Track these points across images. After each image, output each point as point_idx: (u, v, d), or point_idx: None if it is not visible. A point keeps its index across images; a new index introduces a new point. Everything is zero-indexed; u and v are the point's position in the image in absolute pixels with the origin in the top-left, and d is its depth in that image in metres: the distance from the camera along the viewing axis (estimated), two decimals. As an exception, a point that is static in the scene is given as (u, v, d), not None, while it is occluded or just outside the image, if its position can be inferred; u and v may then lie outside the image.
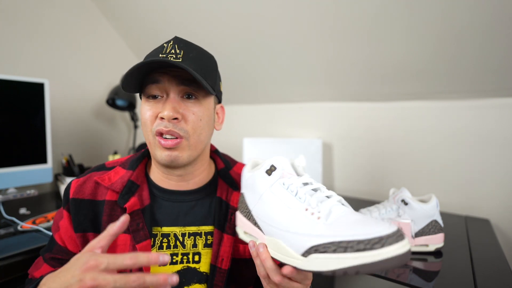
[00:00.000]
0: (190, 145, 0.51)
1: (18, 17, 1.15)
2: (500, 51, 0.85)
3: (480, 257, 0.69)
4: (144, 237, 0.51)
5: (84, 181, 0.54)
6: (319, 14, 0.98)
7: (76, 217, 0.52)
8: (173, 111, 0.48)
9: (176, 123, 0.49)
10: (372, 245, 0.30)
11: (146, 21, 1.37)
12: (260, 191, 0.44)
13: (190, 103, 0.50)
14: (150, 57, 0.50)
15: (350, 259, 0.31)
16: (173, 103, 0.49)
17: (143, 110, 0.51)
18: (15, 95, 0.93)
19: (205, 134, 0.53)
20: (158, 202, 0.56)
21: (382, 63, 1.04)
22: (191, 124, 0.50)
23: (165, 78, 0.49)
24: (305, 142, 1.25)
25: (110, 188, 0.53)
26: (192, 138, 0.51)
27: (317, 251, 0.34)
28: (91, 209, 0.53)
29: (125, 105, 1.42)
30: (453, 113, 1.04)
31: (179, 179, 0.56)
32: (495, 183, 0.99)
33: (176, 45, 0.50)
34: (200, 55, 0.51)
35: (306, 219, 0.37)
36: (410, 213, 0.71)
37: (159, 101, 0.50)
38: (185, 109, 0.50)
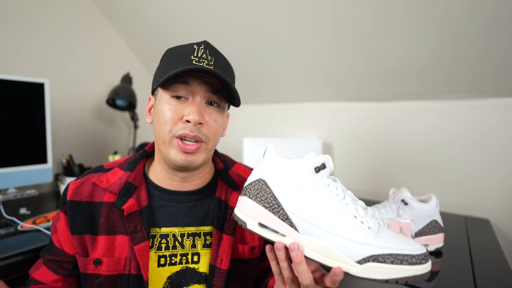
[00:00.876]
0: (207, 150, 0.52)
1: (18, 17, 1.15)
2: (499, 51, 0.85)
3: (480, 257, 0.69)
4: (142, 238, 0.51)
5: (81, 183, 0.54)
6: (319, 14, 0.98)
7: (73, 220, 0.52)
8: (199, 116, 0.49)
9: (199, 128, 0.50)
10: (420, 260, 0.36)
11: (146, 21, 1.37)
12: (303, 186, 0.40)
13: (212, 110, 0.52)
14: (181, 56, 0.49)
15: (405, 271, 0.36)
16: (200, 107, 0.49)
17: (164, 108, 0.50)
18: (15, 95, 0.93)
19: (218, 140, 0.55)
20: (157, 203, 0.55)
21: (382, 63, 1.04)
22: (212, 130, 0.51)
23: (195, 82, 0.49)
24: (305, 142, 1.25)
25: (108, 189, 0.53)
26: (211, 143, 0.52)
27: (376, 260, 0.36)
28: (88, 211, 0.52)
29: (125, 105, 1.42)
30: (453, 113, 1.04)
31: (182, 180, 0.56)
32: (495, 183, 0.99)
33: (207, 50, 0.50)
34: (226, 65, 0.53)
35: (359, 228, 0.38)
36: (410, 213, 0.71)
37: (183, 103, 0.50)
38: (208, 115, 0.51)
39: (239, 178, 0.62)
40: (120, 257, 0.51)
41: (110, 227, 0.52)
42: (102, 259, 0.51)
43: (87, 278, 0.51)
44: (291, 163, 0.42)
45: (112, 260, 0.51)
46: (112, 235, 0.52)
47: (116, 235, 0.52)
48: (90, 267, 0.51)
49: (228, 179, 0.60)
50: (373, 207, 0.77)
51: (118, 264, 0.51)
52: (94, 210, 0.53)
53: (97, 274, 0.51)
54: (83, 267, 0.51)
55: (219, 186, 0.60)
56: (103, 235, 0.52)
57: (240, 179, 0.62)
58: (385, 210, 0.74)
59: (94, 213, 0.52)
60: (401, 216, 0.71)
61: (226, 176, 0.61)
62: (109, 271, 0.51)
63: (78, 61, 1.36)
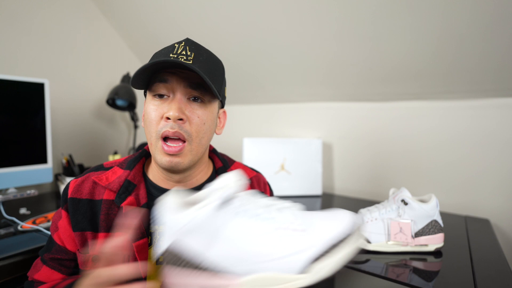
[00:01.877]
0: (192, 150, 0.51)
1: (18, 17, 1.15)
2: (499, 51, 0.85)
3: (480, 257, 0.69)
4: (141, 235, 0.51)
5: (82, 181, 0.55)
6: (319, 14, 0.98)
7: (74, 216, 0.53)
8: (179, 112, 0.48)
9: (181, 124, 0.49)
10: (351, 234, 0.35)
11: (146, 21, 1.37)
12: (213, 229, 0.36)
13: (195, 106, 0.51)
14: (161, 55, 0.50)
15: (345, 253, 0.34)
16: (180, 103, 0.49)
17: (148, 108, 0.51)
18: (15, 95, 0.93)
19: (207, 138, 0.53)
20: (156, 201, 0.55)
21: (382, 63, 1.04)
22: (195, 127, 0.50)
23: (173, 78, 0.49)
24: (305, 142, 1.25)
25: (107, 187, 0.53)
26: (194, 142, 0.51)
27: (318, 260, 0.34)
28: (90, 209, 0.53)
29: (125, 105, 1.42)
30: (453, 113, 1.04)
31: (177, 181, 0.56)
32: (495, 183, 0.99)
33: (187, 46, 0.50)
34: (209, 59, 0.52)
35: (291, 238, 0.35)
36: (410, 213, 0.71)
37: (165, 101, 0.50)
38: (190, 111, 0.50)
39: None
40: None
41: (109, 225, 0.52)
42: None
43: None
44: (193, 212, 0.37)
45: None
46: (111, 233, 0.52)
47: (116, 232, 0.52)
48: (89, 264, 0.52)
49: None
50: (373, 207, 0.77)
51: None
52: (95, 207, 0.53)
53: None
54: (83, 263, 0.52)
55: None
56: (102, 232, 0.52)
57: None
58: (385, 210, 0.74)
59: (94, 210, 0.53)
60: (401, 216, 0.71)
61: None
62: None
63: (78, 61, 1.36)
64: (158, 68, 0.49)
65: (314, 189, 1.24)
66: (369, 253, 0.72)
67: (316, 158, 1.24)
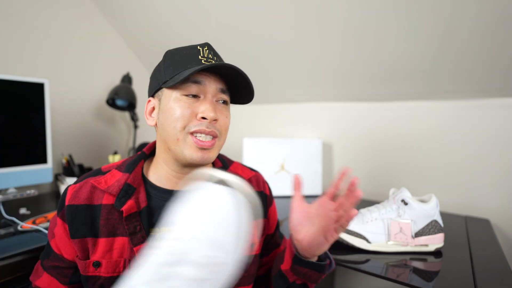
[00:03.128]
0: (219, 146, 0.54)
1: (18, 17, 1.15)
2: (504, 51, 0.85)
3: (480, 257, 0.69)
4: (142, 239, 0.51)
5: (80, 187, 0.54)
6: (319, 14, 0.98)
7: (72, 224, 0.51)
8: (214, 113, 0.51)
9: (214, 124, 0.52)
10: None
11: (146, 21, 1.37)
12: None
13: (222, 107, 0.54)
14: (187, 56, 0.52)
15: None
16: (214, 105, 0.52)
17: (176, 106, 0.51)
18: (15, 95, 0.93)
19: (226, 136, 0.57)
20: (156, 203, 0.55)
21: (382, 63, 1.04)
22: (224, 126, 0.54)
23: (206, 81, 0.51)
24: (305, 142, 1.25)
25: (107, 191, 0.53)
26: (221, 139, 0.55)
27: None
28: (88, 214, 0.52)
29: (125, 105, 1.42)
30: (453, 113, 1.04)
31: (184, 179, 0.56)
32: (495, 183, 0.98)
33: (212, 51, 0.54)
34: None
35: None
36: (410, 213, 0.71)
37: (197, 100, 0.52)
38: (220, 112, 0.53)
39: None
40: (119, 259, 0.51)
41: (110, 229, 0.52)
42: (101, 261, 0.51)
43: (89, 280, 0.51)
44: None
45: (111, 262, 0.51)
46: (112, 237, 0.52)
47: (116, 237, 0.52)
48: (90, 269, 0.51)
49: None
50: (373, 207, 0.77)
51: (117, 266, 0.51)
52: (93, 213, 0.52)
53: (98, 276, 0.51)
54: (83, 269, 0.51)
55: None
56: (103, 237, 0.51)
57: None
58: (385, 210, 0.74)
59: (93, 216, 0.52)
60: (401, 216, 0.71)
61: None
62: (109, 273, 0.51)
63: (78, 61, 1.36)
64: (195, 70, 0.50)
65: (314, 189, 1.24)
66: (369, 253, 0.71)
67: (316, 158, 1.24)
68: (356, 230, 0.73)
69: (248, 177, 0.65)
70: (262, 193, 0.65)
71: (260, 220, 0.61)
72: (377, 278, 0.62)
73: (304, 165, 1.23)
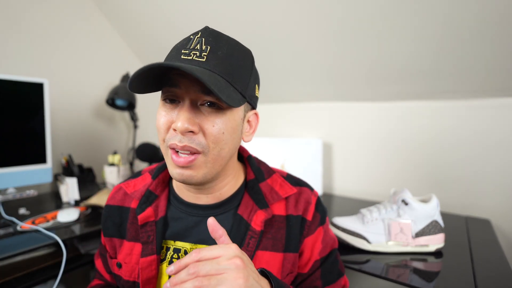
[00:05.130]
0: (208, 162, 0.43)
1: (18, 17, 1.15)
2: (504, 51, 0.85)
3: (481, 258, 0.69)
4: (151, 251, 0.49)
5: (120, 187, 0.56)
6: (319, 14, 0.97)
7: (105, 222, 0.54)
8: (188, 123, 0.40)
9: (191, 137, 0.41)
10: None
11: (146, 21, 1.37)
12: None
13: (209, 112, 0.42)
14: (175, 51, 0.43)
15: None
16: (188, 113, 0.40)
17: (158, 114, 0.44)
18: (15, 95, 0.93)
19: (229, 148, 0.44)
20: (174, 214, 0.52)
21: (382, 63, 1.03)
22: (211, 137, 0.41)
23: (184, 82, 0.41)
24: (305, 142, 1.25)
25: (132, 195, 0.53)
26: (212, 154, 0.42)
27: None
28: (119, 215, 0.53)
29: (124, 105, 1.42)
30: (453, 113, 1.04)
31: (197, 192, 0.50)
32: (495, 183, 0.98)
33: (203, 38, 0.42)
34: (230, 52, 0.43)
35: None
36: (410, 213, 0.70)
37: (176, 106, 0.42)
38: (203, 120, 0.41)
39: (272, 194, 0.52)
40: (135, 266, 0.51)
41: (133, 234, 0.52)
42: (122, 263, 0.52)
43: (116, 277, 0.54)
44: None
45: (128, 266, 0.51)
46: (133, 242, 0.52)
47: (136, 242, 0.52)
48: (115, 269, 0.53)
49: (256, 194, 0.51)
50: (373, 207, 0.76)
51: (133, 272, 0.51)
52: (123, 214, 0.53)
53: (120, 276, 0.52)
54: (111, 267, 0.54)
55: (243, 201, 0.50)
56: (127, 240, 0.52)
57: (273, 195, 0.51)
58: (386, 210, 0.73)
59: (123, 217, 0.53)
60: (402, 216, 0.71)
61: (255, 190, 0.51)
62: (127, 276, 0.51)
63: (78, 61, 1.36)
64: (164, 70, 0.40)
65: (314, 189, 1.23)
66: (369, 253, 0.71)
67: (316, 158, 1.24)
68: (356, 230, 0.73)
69: (286, 195, 0.52)
70: (300, 217, 0.51)
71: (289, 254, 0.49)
72: (377, 278, 0.62)
73: (304, 165, 1.23)
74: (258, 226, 0.48)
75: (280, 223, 0.50)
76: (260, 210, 0.49)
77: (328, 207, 1.10)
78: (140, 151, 1.25)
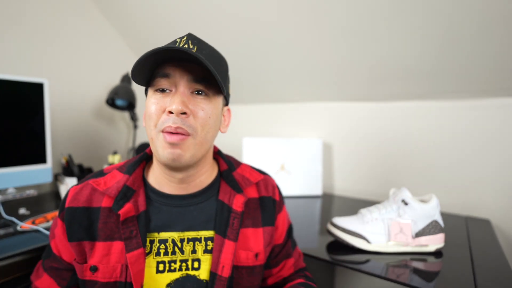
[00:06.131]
0: (196, 144, 0.48)
1: (18, 17, 1.15)
2: (499, 51, 0.85)
3: (481, 258, 0.69)
4: (136, 245, 0.49)
5: (81, 188, 0.53)
6: (318, 14, 0.97)
7: (70, 226, 0.50)
8: (182, 105, 0.45)
9: (184, 119, 0.46)
10: None
11: (146, 21, 1.37)
12: None
13: (199, 99, 0.48)
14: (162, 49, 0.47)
15: None
16: (183, 96, 0.46)
17: (149, 103, 0.48)
18: (15, 95, 0.93)
19: (212, 133, 0.50)
20: (155, 207, 0.53)
21: (382, 63, 1.03)
22: (200, 120, 0.47)
23: (176, 72, 0.47)
24: (305, 142, 1.25)
25: (106, 193, 0.51)
26: (199, 136, 0.48)
27: None
28: (86, 217, 0.51)
29: (124, 105, 1.42)
30: (453, 113, 1.04)
31: (180, 181, 0.53)
32: (495, 183, 0.98)
33: (189, 40, 0.47)
34: (212, 54, 0.49)
35: None
36: (410, 213, 0.70)
37: (168, 95, 0.47)
38: (194, 105, 0.47)
39: (244, 180, 0.59)
40: (116, 264, 0.50)
41: (107, 233, 0.50)
42: (98, 266, 0.49)
43: (86, 284, 0.50)
44: None
45: (108, 267, 0.49)
46: (109, 241, 0.50)
47: (113, 241, 0.50)
48: (87, 274, 0.50)
49: (232, 181, 0.57)
50: (373, 207, 0.76)
51: (114, 271, 0.50)
52: (92, 215, 0.51)
53: (94, 281, 0.50)
54: (81, 273, 0.50)
55: (222, 189, 0.57)
56: (100, 241, 0.50)
57: (245, 181, 0.59)
58: (386, 210, 0.73)
59: (92, 218, 0.51)
60: (402, 216, 0.71)
61: (230, 178, 0.58)
62: (105, 278, 0.49)
63: (78, 61, 1.36)
64: (159, 60, 0.46)
65: (314, 189, 1.23)
66: (369, 253, 0.71)
67: (316, 158, 1.24)
68: (356, 230, 0.73)
69: (256, 180, 0.61)
70: (271, 198, 0.61)
71: (267, 227, 0.59)
72: (377, 278, 0.62)
73: (304, 165, 1.23)
74: (239, 207, 0.55)
75: (255, 204, 0.59)
76: (238, 194, 0.56)
77: (328, 207, 1.10)
78: (140, 151, 1.25)
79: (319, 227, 0.89)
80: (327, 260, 0.69)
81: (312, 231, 0.86)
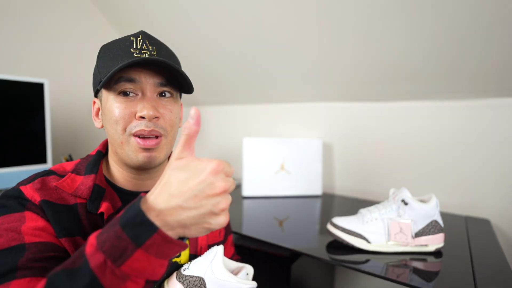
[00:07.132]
0: (167, 143, 0.51)
1: (18, 17, 1.15)
2: (498, 51, 0.85)
3: (480, 258, 0.69)
4: None
5: (41, 186, 0.46)
6: (319, 14, 0.98)
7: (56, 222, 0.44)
8: (153, 110, 0.47)
9: (156, 122, 0.48)
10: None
11: (146, 21, 1.37)
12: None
13: (165, 101, 0.50)
14: (119, 50, 0.47)
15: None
16: (152, 101, 0.47)
17: (113, 107, 0.47)
18: (15, 95, 0.93)
19: (177, 131, 0.53)
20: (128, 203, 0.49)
21: (382, 63, 1.03)
22: (169, 121, 0.50)
23: (141, 77, 0.47)
24: (305, 142, 1.25)
25: (75, 194, 0.47)
26: (170, 135, 0.51)
27: None
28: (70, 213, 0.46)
29: (125, 105, 1.42)
30: (453, 113, 1.04)
31: (146, 178, 0.54)
32: (495, 183, 0.98)
33: (146, 40, 0.49)
34: (169, 53, 0.51)
35: None
36: (410, 213, 0.70)
37: (133, 99, 0.48)
38: (163, 107, 0.49)
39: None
40: None
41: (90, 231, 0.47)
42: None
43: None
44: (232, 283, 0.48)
45: None
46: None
47: None
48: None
49: None
50: (373, 207, 0.76)
51: None
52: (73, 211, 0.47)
53: None
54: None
55: None
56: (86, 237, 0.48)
57: None
58: (385, 210, 0.73)
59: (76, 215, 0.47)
60: (401, 216, 0.71)
61: None
62: None
63: (78, 61, 1.36)
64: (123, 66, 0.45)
65: (314, 189, 1.23)
66: (369, 253, 0.71)
67: (316, 158, 1.24)
68: (356, 230, 0.73)
69: None
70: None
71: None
72: (377, 278, 0.62)
73: (304, 165, 1.23)
74: None
75: None
76: None
77: (328, 207, 1.10)
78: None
79: (319, 227, 0.89)
80: (327, 260, 0.69)
81: (312, 231, 0.86)
